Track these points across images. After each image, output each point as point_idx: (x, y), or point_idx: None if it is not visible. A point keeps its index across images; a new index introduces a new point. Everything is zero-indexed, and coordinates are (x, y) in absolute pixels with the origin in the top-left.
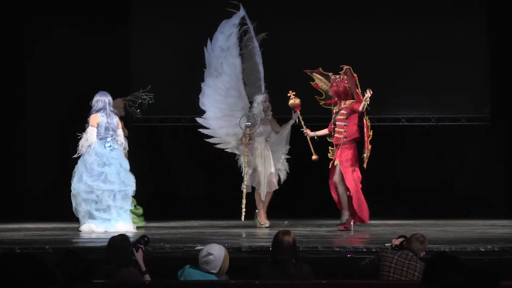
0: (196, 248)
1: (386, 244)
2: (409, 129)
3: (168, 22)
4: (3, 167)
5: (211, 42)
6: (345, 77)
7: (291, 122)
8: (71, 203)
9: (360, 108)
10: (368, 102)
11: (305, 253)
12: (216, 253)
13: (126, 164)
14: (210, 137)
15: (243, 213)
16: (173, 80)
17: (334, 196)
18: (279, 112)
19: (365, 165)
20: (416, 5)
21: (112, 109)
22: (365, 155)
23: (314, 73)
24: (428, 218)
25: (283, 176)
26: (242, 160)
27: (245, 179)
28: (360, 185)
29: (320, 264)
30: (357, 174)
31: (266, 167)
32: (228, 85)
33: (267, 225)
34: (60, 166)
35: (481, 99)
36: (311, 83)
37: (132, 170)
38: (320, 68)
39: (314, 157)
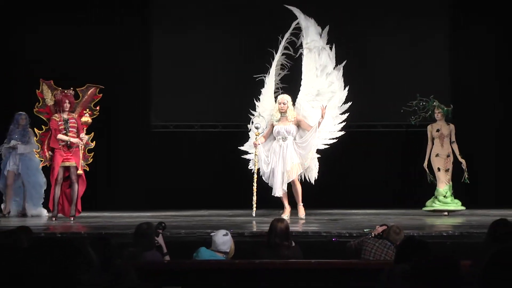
0: (212, 234)
1: (365, 230)
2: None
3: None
4: None
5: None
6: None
7: (320, 120)
8: None
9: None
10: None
11: (297, 237)
12: (229, 234)
13: None
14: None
15: (254, 208)
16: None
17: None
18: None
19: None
20: (377, 7)
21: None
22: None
23: (45, 83)
24: (406, 207)
25: (314, 174)
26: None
27: (254, 177)
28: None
29: (309, 246)
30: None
31: (283, 164)
32: (268, 81)
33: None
34: None
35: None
36: (37, 90)
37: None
38: (52, 81)
39: None
